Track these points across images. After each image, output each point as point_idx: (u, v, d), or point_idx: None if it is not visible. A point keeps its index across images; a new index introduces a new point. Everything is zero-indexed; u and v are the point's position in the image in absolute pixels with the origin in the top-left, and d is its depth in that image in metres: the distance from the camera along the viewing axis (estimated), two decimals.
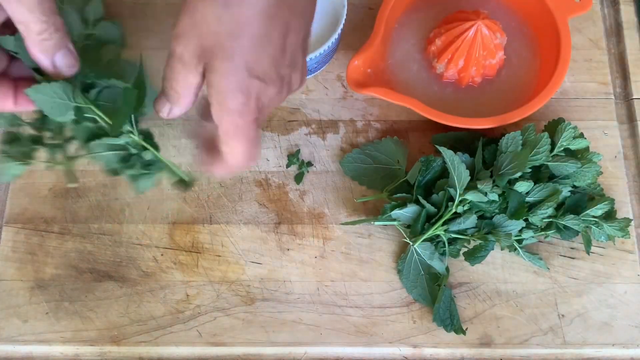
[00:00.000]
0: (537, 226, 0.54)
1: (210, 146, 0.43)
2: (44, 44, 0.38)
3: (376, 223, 0.56)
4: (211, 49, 0.37)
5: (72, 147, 0.45)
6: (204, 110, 0.43)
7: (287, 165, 0.59)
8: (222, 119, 0.38)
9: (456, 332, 0.53)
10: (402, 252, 0.56)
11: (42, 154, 0.46)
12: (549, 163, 0.54)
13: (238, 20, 0.36)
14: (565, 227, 0.54)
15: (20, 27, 0.37)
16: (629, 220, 0.54)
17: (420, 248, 0.54)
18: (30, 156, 0.46)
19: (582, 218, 0.53)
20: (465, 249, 0.55)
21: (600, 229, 0.54)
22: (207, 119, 0.41)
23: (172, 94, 0.40)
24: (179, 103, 0.40)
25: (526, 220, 0.54)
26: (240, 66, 0.37)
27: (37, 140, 0.46)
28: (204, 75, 0.38)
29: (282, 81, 0.40)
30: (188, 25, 0.37)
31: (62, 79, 0.40)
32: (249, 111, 0.38)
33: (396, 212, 0.54)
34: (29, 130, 0.46)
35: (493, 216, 0.53)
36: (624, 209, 0.58)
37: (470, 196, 0.52)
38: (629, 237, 0.55)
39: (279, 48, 0.38)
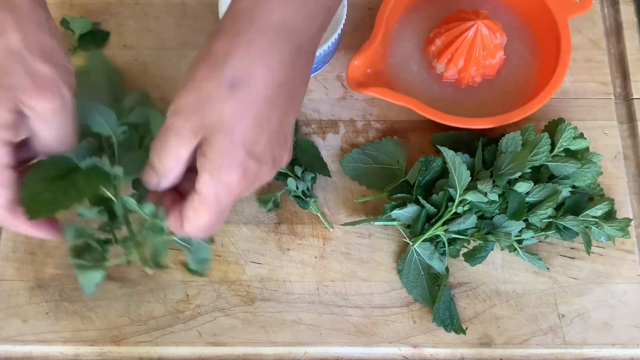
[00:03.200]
0: (537, 227, 0.54)
1: (170, 203, 0.43)
2: None
3: (376, 223, 0.56)
4: (212, 125, 0.38)
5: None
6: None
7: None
8: (208, 189, 0.39)
9: (456, 331, 0.53)
10: (402, 252, 0.56)
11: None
12: (549, 163, 0.54)
13: (242, 103, 0.38)
14: (565, 227, 0.54)
15: (50, 145, 0.41)
16: (629, 220, 0.54)
17: (420, 248, 0.54)
18: (103, 258, 0.47)
19: (582, 219, 0.53)
20: (465, 249, 0.55)
21: (600, 229, 0.54)
22: (180, 183, 0.42)
23: (160, 167, 0.40)
24: (166, 176, 0.41)
25: (526, 220, 0.54)
26: (240, 145, 0.38)
27: (108, 242, 0.48)
28: (194, 152, 0.39)
29: (274, 162, 0.41)
30: (191, 102, 0.38)
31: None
32: (239, 189, 0.39)
33: (396, 212, 0.54)
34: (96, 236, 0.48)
35: (493, 216, 0.53)
36: (624, 209, 0.58)
37: (470, 196, 0.52)
38: (629, 237, 0.55)
39: (276, 131, 0.40)
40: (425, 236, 0.53)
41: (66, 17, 0.64)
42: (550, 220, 0.54)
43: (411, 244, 0.54)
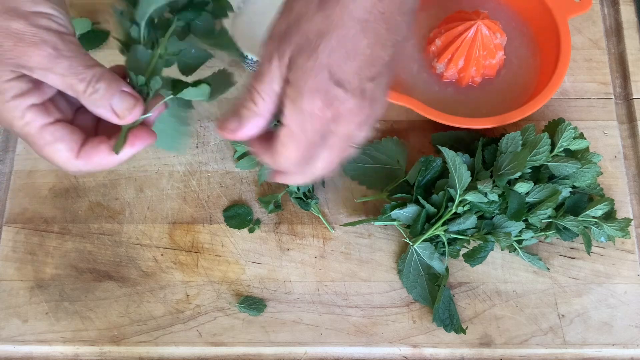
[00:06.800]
0: (536, 227, 0.54)
1: (264, 141, 0.41)
2: (93, 99, 0.38)
3: (376, 223, 0.56)
4: (298, 45, 0.36)
5: None
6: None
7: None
8: (291, 119, 0.37)
9: (456, 331, 0.53)
10: (402, 252, 0.56)
11: None
12: (549, 163, 0.54)
13: (329, 20, 0.36)
14: (565, 227, 0.54)
15: (70, 93, 0.38)
16: (629, 220, 0.54)
17: (420, 248, 0.54)
18: None
19: (582, 219, 0.53)
20: (465, 249, 0.55)
21: (600, 229, 0.54)
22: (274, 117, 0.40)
23: (249, 102, 0.38)
24: (255, 111, 0.38)
25: (526, 220, 0.54)
26: (323, 67, 0.36)
27: None
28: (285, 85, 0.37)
29: (364, 95, 0.38)
30: (283, 26, 0.37)
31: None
32: (324, 116, 0.37)
33: (396, 212, 0.54)
34: None
35: (493, 217, 0.53)
36: (624, 209, 0.58)
37: (470, 196, 0.52)
38: (629, 237, 0.55)
39: (367, 60, 0.37)
40: (425, 236, 0.53)
41: None
42: (550, 220, 0.54)
43: (411, 244, 0.54)
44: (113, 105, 0.38)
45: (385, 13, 0.37)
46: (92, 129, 0.41)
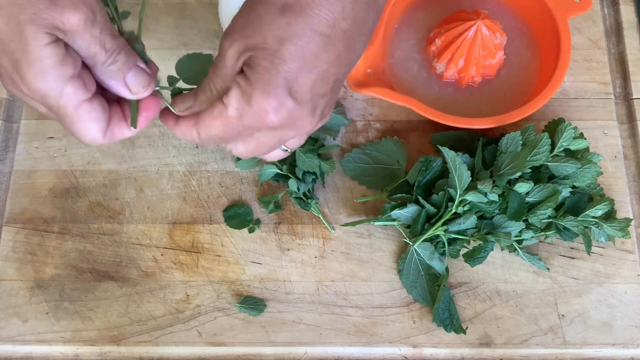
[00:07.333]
0: (536, 227, 0.54)
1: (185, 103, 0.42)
2: (109, 70, 0.38)
3: (376, 223, 0.56)
4: (256, 47, 0.36)
5: None
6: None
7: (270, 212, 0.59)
8: (233, 104, 0.37)
9: (456, 331, 0.53)
10: (402, 252, 0.56)
11: None
12: (549, 163, 0.54)
13: (290, 29, 0.36)
14: (564, 227, 0.54)
15: (88, 61, 0.37)
16: (629, 220, 0.54)
17: (420, 248, 0.54)
18: None
19: (582, 219, 0.53)
20: (465, 249, 0.55)
21: (600, 229, 0.54)
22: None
23: (206, 90, 0.39)
24: (209, 98, 0.39)
25: (526, 220, 0.54)
26: (280, 72, 0.36)
27: None
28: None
29: (314, 111, 0.39)
30: (240, 24, 0.37)
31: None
32: (267, 119, 0.37)
33: (396, 212, 0.54)
34: None
35: (493, 217, 0.53)
36: (624, 209, 0.58)
37: (470, 197, 0.52)
38: (629, 237, 0.55)
39: (323, 76, 0.37)
40: (425, 236, 0.53)
41: None
42: (550, 220, 0.54)
43: (411, 244, 0.54)
44: (127, 79, 0.38)
45: (347, 32, 0.37)
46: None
